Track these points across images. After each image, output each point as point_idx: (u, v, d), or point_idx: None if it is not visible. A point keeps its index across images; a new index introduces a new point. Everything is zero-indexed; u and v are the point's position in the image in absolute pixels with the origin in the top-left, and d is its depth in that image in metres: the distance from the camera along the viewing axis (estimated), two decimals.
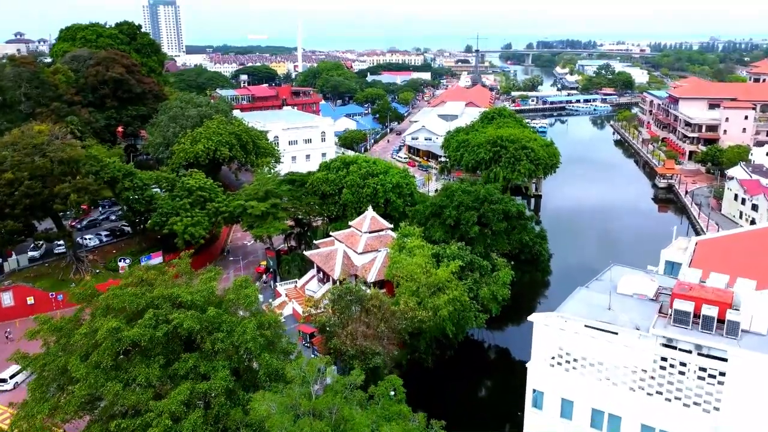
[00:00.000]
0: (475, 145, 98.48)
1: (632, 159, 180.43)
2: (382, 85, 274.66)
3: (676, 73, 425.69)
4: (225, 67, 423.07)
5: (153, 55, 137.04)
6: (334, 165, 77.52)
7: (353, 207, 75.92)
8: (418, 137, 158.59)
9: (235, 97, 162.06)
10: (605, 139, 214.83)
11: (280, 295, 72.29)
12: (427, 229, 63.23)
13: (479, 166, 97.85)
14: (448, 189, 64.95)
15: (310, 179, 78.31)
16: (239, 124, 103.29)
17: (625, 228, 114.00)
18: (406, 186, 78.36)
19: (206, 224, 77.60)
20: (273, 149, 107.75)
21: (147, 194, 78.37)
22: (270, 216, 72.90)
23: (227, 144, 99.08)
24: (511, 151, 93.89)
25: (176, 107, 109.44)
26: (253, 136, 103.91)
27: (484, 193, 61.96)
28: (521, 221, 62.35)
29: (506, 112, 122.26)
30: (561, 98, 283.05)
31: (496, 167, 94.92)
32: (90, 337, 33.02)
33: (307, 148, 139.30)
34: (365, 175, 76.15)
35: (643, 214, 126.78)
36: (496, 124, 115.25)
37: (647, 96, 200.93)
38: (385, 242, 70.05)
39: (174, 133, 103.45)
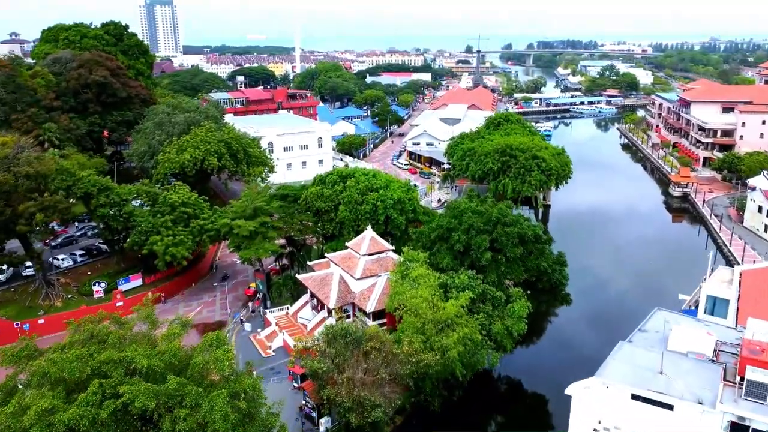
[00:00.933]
0: (482, 154, 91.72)
1: (641, 164, 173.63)
2: (381, 87, 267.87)
3: (679, 74, 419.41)
4: (222, 68, 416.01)
5: (141, 56, 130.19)
6: (330, 179, 70.70)
7: (351, 225, 69.21)
8: (419, 142, 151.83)
9: (228, 101, 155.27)
10: (611, 143, 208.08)
11: (269, 323, 65.47)
12: (433, 254, 56.45)
13: (486, 177, 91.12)
14: (455, 209, 58.16)
15: (304, 194, 71.51)
16: (229, 131, 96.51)
17: (640, 241, 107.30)
18: (409, 201, 71.59)
19: (190, 244, 70.82)
20: (265, 158, 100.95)
21: (125, 211, 71.52)
22: (259, 236, 66.09)
23: (216, 153, 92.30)
24: (521, 161, 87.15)
25: (162, 113, 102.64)
26: (244, 144, 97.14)
27: (497, 215, 55.19)
28: (538, 245, 55.65)
29: (513, 118, 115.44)
30: (565, 100, 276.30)
31: (505, 178, 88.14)
32: (17, 417, 26.29)
33: (303, 155, 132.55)
34: (364, 191, 69.39)
35: (658, 225, 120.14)
36: (503, 131, 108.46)
37: (656, 99, 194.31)
38: (386, 266, 63.34)
39: (159, 141, 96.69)
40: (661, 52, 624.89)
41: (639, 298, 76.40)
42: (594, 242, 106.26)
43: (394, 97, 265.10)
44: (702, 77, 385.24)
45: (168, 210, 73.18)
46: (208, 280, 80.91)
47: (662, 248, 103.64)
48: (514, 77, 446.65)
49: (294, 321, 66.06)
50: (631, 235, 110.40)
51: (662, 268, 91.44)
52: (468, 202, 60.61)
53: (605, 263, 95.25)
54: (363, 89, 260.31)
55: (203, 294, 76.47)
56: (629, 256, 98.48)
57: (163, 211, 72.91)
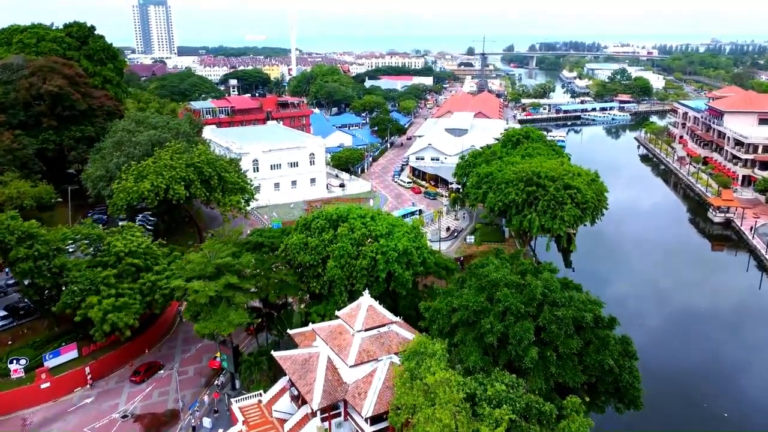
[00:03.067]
0: (503, 182, 76.15)
1: (663, 178, 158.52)
2: (381, 92, 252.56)
3: (690, 78, 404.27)
4: (215, 70, 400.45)
5: (109, 62, 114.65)
6: (317, 224, 55.20)
7: (343, 284, 53.73)
8: (423, 157, 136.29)
9: (212, 110, 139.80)
10: (629, 154, 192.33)
11: (236, 420, 49.83)
12: (455, 344, 41.06)
13: (508, 210, 75.66)
14: (482, 277, 42.69)
15: (285, 243, 55.95)
16: (201, 153, 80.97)
17: (685, 279, 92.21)
18: (417, 251, 56.19)
19: (137, 307, 55.37)
20: (245, 183, 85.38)
21: (55, 264, 56.04)
22: (223, 302, 50.60)
23: (183, 180, 76.83)
24: (550, 193, 71.69)
25: (123, 130, 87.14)
26: (218, 168, 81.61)
27: (542, 290, 39.89)
28: (599, 331, 40.37)
29: (534, 134, 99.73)
30: (576, 106, 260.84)
31: (531, 212, 72.65)
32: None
33: (292, 173, 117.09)
34: (360, 240, 53.95)
35: (697, 256, 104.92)
36: (523, 150, 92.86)
37: (679, 107, 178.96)
38: (389, 345, 47.94)
39: (117, 165, 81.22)
40: (666, 54, 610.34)
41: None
42: (628, 281, 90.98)
43: (395, 102, 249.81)
44: (715, 81, 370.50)
45: (113, 260, 57.80)
46: (168, 342, 65.31)
47: (712, 287, 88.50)
48: (518, 80, 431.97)
49: (268, 415, 50.50)
50: (671, 272, 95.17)
51: (724, 321, 76.51)
52: (498, 266, 45.08)
53: (651, 311, 79.84)
54: (361, 94, 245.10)
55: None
56: (678, 304, 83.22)
57: (106, 262, 57.51)
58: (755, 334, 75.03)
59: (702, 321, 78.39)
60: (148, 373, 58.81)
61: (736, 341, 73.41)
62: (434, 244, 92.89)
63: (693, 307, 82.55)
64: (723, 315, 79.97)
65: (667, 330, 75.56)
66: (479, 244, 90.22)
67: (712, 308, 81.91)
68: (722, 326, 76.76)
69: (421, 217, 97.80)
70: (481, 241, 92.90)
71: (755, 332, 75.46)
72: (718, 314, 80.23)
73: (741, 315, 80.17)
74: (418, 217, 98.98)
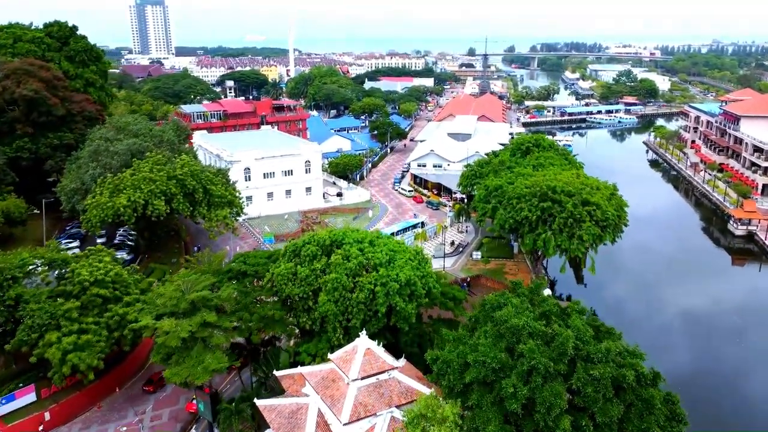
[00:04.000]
0: (514, 196, 69.36)
1: (674, 184, 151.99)
2: (380, 94, 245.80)
3: (695, 79, 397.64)
4: (212, 71, 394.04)
5: (92, 63, 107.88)
6: (307, 251, 48.39)
7: (337, 319, 46.93)
8: (425, 164, 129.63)
9: (203, 114, 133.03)
10: (637, 158, 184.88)
11: None
12: (469, 407, 34.29)
13: (520, 227, 68.87)
14: (501, 323, 35.85)
15: (270, 272, 49.11)
16: (185, 164, 74.19)
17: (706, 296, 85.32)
18: (422, 280, 49.42)
19: (102, 344, 48.62)
20: (233, 197, 78.57)
21: (11, 294, 49.25)
22: (198, 344, 43.83)
23: (164, 194, 70.14)
24: (568, 209, 64.98)
25: (101, 139, 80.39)
26: (203, 181, 74.87)
27: (573, 341, 33.14)
28: (640, 389, 33.66)
29: (546, 142, 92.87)
30: (581, 109, 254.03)
31: (546, 231, 65.91)
32: None
33: (287, 182, 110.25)
34: (356, 270, 47.14)
35: (717, 270, 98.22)
36: (534, 159, 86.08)
37: (690, 110, 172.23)
38: (389, 396, 41.22)
39: (93, 177, 74.44)
40: (669, 56, 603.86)
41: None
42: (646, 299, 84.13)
43: (395, 104, 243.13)
44: (720, 83, 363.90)
45: (77, 290, 51.02)
46: (143, 379, 58.38)
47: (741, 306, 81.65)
48: (520, 81, 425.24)
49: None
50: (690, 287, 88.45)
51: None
52: (518, 306, 38.20)
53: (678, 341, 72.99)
54: (361, 96, 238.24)
55: (129, 406, 54.02)
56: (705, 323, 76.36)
57: (69, 292, 50.75)
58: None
59: (732, 343, 71.62)
60: (161, 382, 54.27)
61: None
62: (438, 260, 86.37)
63: (721, 327, 75.71)
64: (754, 336, 73.17)
65: (697, 356, 68.84)
66: (486, 262, 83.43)
67: (740, 328, 75.10)
68: (756, 349, 69.98)
69: (423, 231, 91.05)
70: (488, 258, 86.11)
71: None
72: (747, 334, 73.45)
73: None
74: (421, 231, 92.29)
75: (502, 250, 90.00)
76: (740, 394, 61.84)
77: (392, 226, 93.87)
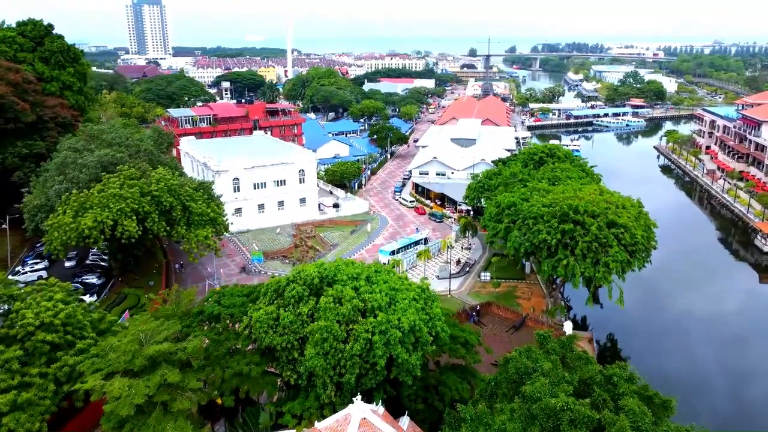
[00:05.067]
0: (531, 216, 61.55)
1: (688, 192, 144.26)
2: (380, 96, 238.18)
3: (701, 81, 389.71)
4: (208, 71, 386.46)
5: (69, 65, 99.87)
6: (292, 292, 40.49)
7: (327, 374, 39.05)
8: (428, 172, 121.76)
9: (191, 118, 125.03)
10: (648, 164, 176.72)
11: None
12: None
13: (538, 252, 61.06)
14: (529, 398, 27.93)
15: (249, 316, 41.23)
16: (161, 179, 66.30)
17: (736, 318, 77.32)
18: (429, 324, 41.64)
19: (47, 404, 40.68)
20: (216, 213, 70.59)
21: None
22: (158, 409, 35.97)
23: (136, 213, 62.28)
24: (592, 232, 57.21)
25: (69, 149, 72.51)
26: (183, 196, 67.00)
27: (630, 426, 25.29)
28: None
29: (560, 152, 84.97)
30: (587, 112, 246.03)
31: (568, 256, 58.13)
32: None
33: (279, 193, 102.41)
34: (350, 316, 39.29)
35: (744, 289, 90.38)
36: (549, 171, 78.14)
37: (705, 114, 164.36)
38: None
39: (58, 192, 66.57)
40: (672, 56, 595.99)
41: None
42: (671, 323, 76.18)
43: (395, 107, 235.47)
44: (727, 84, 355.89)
45: (23, 333, 43.16)
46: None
47: None
48: (522, 83, 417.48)
49: None
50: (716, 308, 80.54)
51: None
52: (549, 373, 30.38)
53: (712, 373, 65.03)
54: (360, 98, 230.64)
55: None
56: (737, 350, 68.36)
57: (14, 336, 42.90)
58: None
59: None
60: None
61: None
62: (443, 281, 78.56)
63: (759, 357, 67.87)
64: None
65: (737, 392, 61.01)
66: (497, 285, 75.52)
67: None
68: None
69: (427, 249, 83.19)
70: (498, 280, 78.28)
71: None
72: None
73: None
74: (424, 249, 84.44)
75: (513, 270, 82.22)
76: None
77: (392, 244, 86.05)
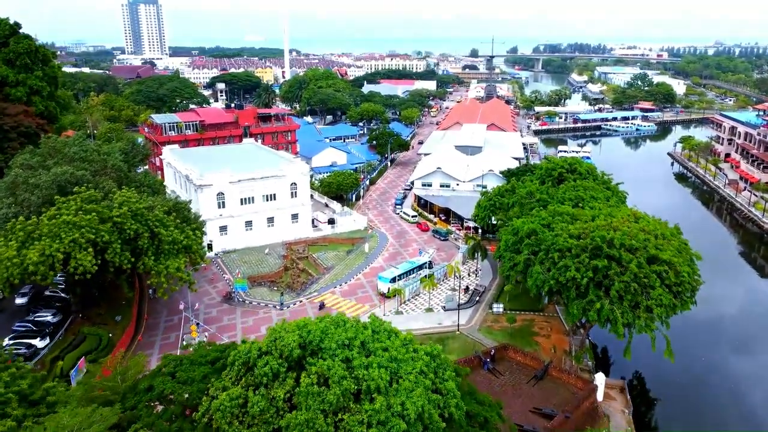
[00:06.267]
0: (556, 249, 52.41)
1: (705, 203, 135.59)
2: (380, 98, 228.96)
3: (709, 83, 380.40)
4: (204, 72, 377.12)
5: (37, 68, 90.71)
6: (265, 369, 30.95)
7: None
8: (431, 183, 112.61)
9: (176, 125, 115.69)
10: (661, 172, 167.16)
11: None
12: None
13: (564, 291, 51.88)
14: None
15: (211, 397, 32.06)
16: (125, 202, 57.07)
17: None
18: (441, 403, 32.54)
19: None
20: (191, 240, 61.28)
21: None
22: None
23: (94, 244, 53.08)
24: (631, 270, 48.14)
25: (22, 166, 63.28)
26: (151, 222, 57.78)
27: None
28: None
29: (583, 167, 75.42)
30: (595, 115, 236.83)
31: (601, 297, 49.00)
32: None
33: (269, 209, 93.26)
34: (341, 402, 30.12)
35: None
36: (572, 191, 68.85)
37: (724, 120, 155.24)
38: None
39: (6, 218, 57.30)
40: (677, 57, 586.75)
41: None
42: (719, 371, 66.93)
43: (396, 110, 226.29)
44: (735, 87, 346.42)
45: None
46: None
47: None
48: (525, 84, 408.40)
49: None
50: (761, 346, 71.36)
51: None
52: None
53: None
54: (359, 101, 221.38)
55: None
56: None
57: None
58: None
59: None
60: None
61: None
62: (450, 314, 69.45)
63: None
64: None
65: None
66: (512, 321, 66.40)
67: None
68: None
69: (432, 276, 73.95)
70: (512, 313, 69.21)
71: None
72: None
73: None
74: (429, 276, 75.24)
75: (528, 300, 72.79)
76: None
77: (393, 270, 76.76)
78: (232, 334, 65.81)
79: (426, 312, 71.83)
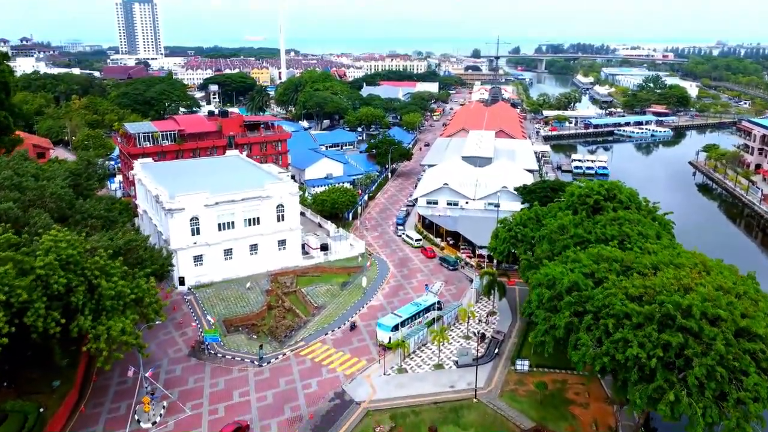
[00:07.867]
0: (610, 314, 40.11)
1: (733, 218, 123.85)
2: (380, 102, 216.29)
3: (720, 84, 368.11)
4: (198, 73, 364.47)
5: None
6: None
7: None
8: (437, 201, 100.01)
9: (151, 135, 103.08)
10: (682, 181, 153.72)
11: None
12: None
13: (620, 371, 39.57)
14: None
15: None
16: (52, 248, 44.55)
17: None
18: None
19: None
20: (143, 292, 48.73)
21: None
22: None
23: (8, 305, 40.64)
24: (717, 349, 35.98)
25: None
26: (89, 271, 45.29)
27: None
28: None
29: (624, 193, 62.52)
30: (608, 120, 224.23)
31: (674, 385, 36.84)
32: None
33: (251, 235, 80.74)
34: None
35: None
36: (615, 226, 56.26)
37: (754, 128, 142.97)
38: None
39: None
40: (683, 58, 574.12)
41: None
42: None
43: (396, 114, 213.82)
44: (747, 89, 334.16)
45: None
46: None
47: None
48: (529, 86, 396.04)
49: None
50: None
51: None
52: None
53: None
54: (357, 104, 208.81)
55: None
56: None
57: None
58: None
59: None
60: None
61: None
62: (463, 372, 57.14)
63: None
64: None
65: None
66: (542, 388, 53.86)
67: None
68: None
69: (443, 329, 61.50)
70: (540, 370, 56.84)
71: None
72: None
73: None
74: (439, 327, 62.70)
75: (558, 352, 60.42)
76: None
77: (394, 317, 64.12)
78: (198, 403, 53.36)
79: (435, 369, 59.43)
